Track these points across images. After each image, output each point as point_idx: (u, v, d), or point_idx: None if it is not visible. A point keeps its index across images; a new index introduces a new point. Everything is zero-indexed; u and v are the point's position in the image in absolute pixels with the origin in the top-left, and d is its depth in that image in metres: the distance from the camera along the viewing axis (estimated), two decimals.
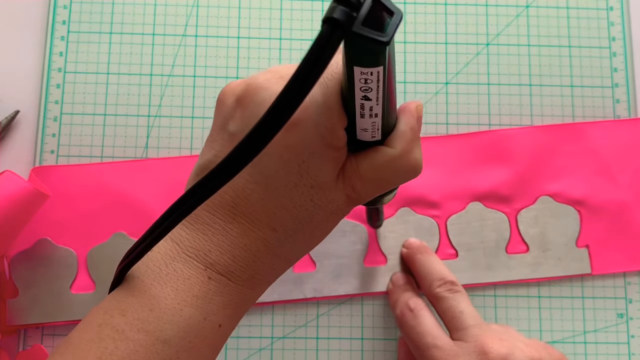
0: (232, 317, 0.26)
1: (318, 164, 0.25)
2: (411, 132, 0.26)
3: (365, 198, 0.27)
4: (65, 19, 0.44)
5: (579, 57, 0.45)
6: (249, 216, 0.25)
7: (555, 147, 0.43)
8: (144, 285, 0.24)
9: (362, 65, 0.21)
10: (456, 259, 0.42)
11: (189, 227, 0.25)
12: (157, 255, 0.25)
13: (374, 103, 0.23)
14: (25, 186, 0.37)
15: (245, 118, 0.25)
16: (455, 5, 0.46)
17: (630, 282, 0.42)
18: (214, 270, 0.25)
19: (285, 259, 0.27)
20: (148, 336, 0.23)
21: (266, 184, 0.25)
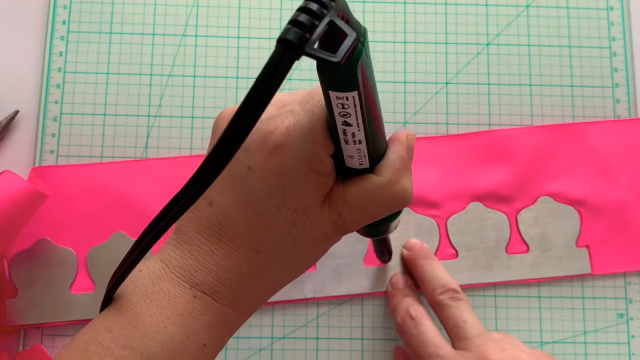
0: (217, 337, 0.26)
1: (301, 188, 0.25)
2: (399, 161, 0.27)
3: (353, 226, 0.27)
4: (65, 19, 0.44)
5: (579, 57, 0.45)
6: (233, 237, 0.25)
7: (555, 147, 0.43)
8: (130, 304, 0.25)
9: (335, 90, 0.21)
10: (456, 259, 0.42)
11: (178, 248, 0.26)
12: (146, 275, 0.26)
13: (355, 129, 0.23)
14: (25, 186, 0.37)
15: None
16: (455, 5, 0.46)
17: (631, 282, 0.42)
18: (198, 289, 0.25)
19: (269, 283, 0.27)
20: (132, 353, 0.24)
21: (250, 206, 0.25)
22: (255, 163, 0.25)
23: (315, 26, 0.18)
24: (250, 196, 0.25)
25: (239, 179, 0.25)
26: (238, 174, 0.25)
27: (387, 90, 0.44)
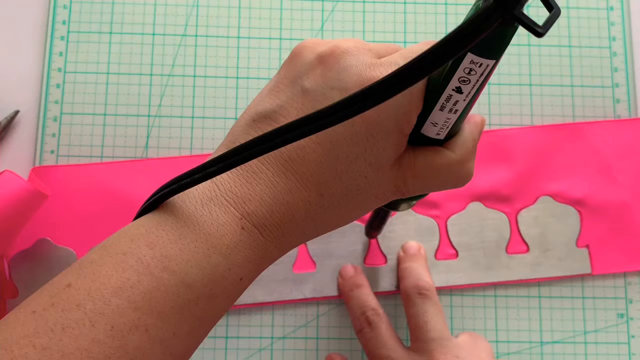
0: (253, 272, 0.25)
1: (383, 143, 0.24)
2: (473, 142, 0.26)
3: (411, 193, 0.27)
4: (65, 19, 0.44)
5: (579, 57, 0.45)
6: (300, 175, 0.24)
7: (555, 147, 0.43)
8: (176, 222, 0.23)
9: (476, 53, 0.21)
10: (456, 259, 0.42)
11: (232, 172, 0.24)
12: (195, 192, 0.24)
13: (462, 97, 0.23)
14: (25, 186, 0.37)
15: (327, 78, 0.24)
16: (455, 5, 0.46)
17: (631, 282, 0.42)
18: (248, 220, 0.24)
19: (318, 228, 0.26)
20: (172, 276, 0.23)
21: (329, 148, 0.24)
22: None
23: None
24: (333, 138, 0.24)
25: None
26: None
27: None
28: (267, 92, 0.26)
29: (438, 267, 0.42)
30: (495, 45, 0.20)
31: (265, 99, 0.26)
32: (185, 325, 0.23)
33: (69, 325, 0.21)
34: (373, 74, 0.24)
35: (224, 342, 0.41)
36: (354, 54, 0.25)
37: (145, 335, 0.22)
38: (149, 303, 0.22)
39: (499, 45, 0.20)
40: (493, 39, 0.20)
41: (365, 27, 0.45)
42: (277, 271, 0.41)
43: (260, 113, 0.25)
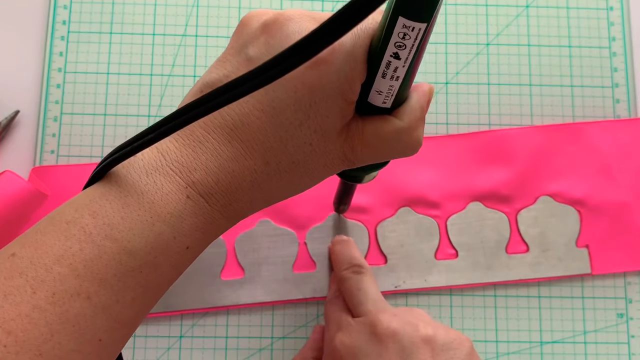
0: (200, 240, 0.25)
1: (327, 110, 0.24)
2: (420, 110, 0.26)
3: (360, 161, 0.27)
4: (66, 19, 0.44)
5: (579, 57, 0.45)
6: (246, 143, 0.24)
7: (555, 147, 0.43)
8: (120, 191, 0.24)
9: (407, 17, 0.21)
10: (456, 259, 0.42)
11: (178, 141, 0.24)
12: (140, 162, 0.24)
13: (401, 63, 0.23)
14: (25, 186, 0.37)
15: (270, 46, 0.24)
16: (455, 5, 0.46)
17: (630, 282, 0.42)
18: (194, 189, 0.24)
19: (266, 197, 0.26)
20: (115, 244, 0.23)
21: (273, 114, 0.24)
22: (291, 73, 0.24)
23: None
24: (275, 105, 0.24)
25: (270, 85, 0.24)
26: None
27: None
28: (214, 64, 0.26)
29: (438, 267, 0.42)
30: (424, 8, 0.21)
31: (212, 69, 0.26)
32: (128, 292, 0.23)
33: (10, 293, 0.21)
34: None
35: (224, 342, 0.41)
36: (297, 21, 0.25)
37: (87, 302, 0.22)
38: (90, 270, 0.22)
39: (428, 8, 0.21)
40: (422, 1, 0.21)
41: None
42: (277, 271, 0.41)
43: (206, 83, 0.25)
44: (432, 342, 0.32)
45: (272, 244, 0.41)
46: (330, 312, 0.36)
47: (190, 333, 0.41)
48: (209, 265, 0.41)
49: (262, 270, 0.41)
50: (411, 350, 0.31)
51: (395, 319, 0.33)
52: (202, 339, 0.41)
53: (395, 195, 0.42)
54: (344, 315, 0.35)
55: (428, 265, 0.42)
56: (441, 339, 0.32)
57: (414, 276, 0.41)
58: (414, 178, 0.43)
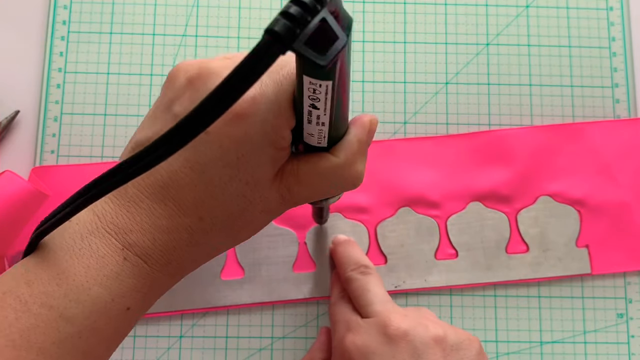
0: (142, 301, 0.25)
1: (257, 160, 0.24)
2: (358, 144, 0.26)
3: (300, 201, 0.27)
4: (66, 19, 0.44)
5: (579, 57, 0.45)
6: (178, 201, 0.24)
7: (555, 147, 0.43)
8: (55, 258, 0.23)
9: (310, 77, 0.21)
10: (456, 259, 0.42)
11: (114, 202, 0.24)
12: (75, 226, 0.24)
13: (322, 112, 0.23)
14: (25, 186, 0.37)
15: (194, 101, 0.24)
16: (455, 5, 0.46)
17: (630, 282, 0.42)
18: (131, 251, 0.24)
19: (207, 251, 0.26)
20: (51, 312, 0.23)
21: (201, 171, 0.24)
22: (214, 128, 0.23)
23: (307, 22, 0.17)
24: (202, 161, 0.24)
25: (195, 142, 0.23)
26: None
27: (387, 90, 0.44)
28: (146, 120, 0.26)
29: (438, 267, 0.42)
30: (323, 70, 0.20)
31: (144, 126, 0.26)
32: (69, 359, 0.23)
33: None
34: None
35: (224, 342, 0.41)
36: (220, 74, 0.24)
37: None
38: (27, 340, 0.22)
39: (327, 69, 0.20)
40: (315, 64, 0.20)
41: (365, 27, 0.45)
42: (277, 271, 0.41)
43: (137, 142, 0.25)
44: (443, 342, 0.32)
45: (272, 244, 0.41)
46: (337, 314, 0.36)
47: (190, 333, 0.41)
48: (209, 265, 0.41)
49: (262, 270, 0.41)
50: (423, 350, 0.31)
51: (406, 320, 0.33)
52: (202, 338, 0.41)
53: (395, 195, 0.42)
54: (353, 316, 0.35)
55: (428, 265, 0.42)
56: (452, 339, 0.32)
57: (414, 276, 0.41)
58: (414, 178, 0.43)
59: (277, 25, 0.17)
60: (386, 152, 0.43)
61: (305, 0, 0.17)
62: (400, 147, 0.43)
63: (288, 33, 0.17)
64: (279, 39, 0.17)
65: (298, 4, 0.17)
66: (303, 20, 0.17)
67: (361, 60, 0.45)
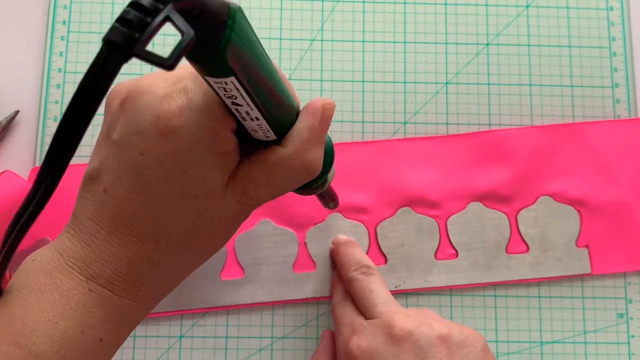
0: (115, 331, 0.25)
1: (201, 171, 0.24)
2: (308, 131, 0.25)
3: (259, 202, 0.26)
4: (66, 19, 0.44)
5: (579, 57, 0.45)
6: (129, 227, 0.24)
7: (555, 147, 0.43)
8: (20, 297, 0.23)
9: (210, 76, 0.20)
10: (456, 259, 0.42)
11: (74, 237, 0.24)
12: (38, 264, 0.24)
13: (247, 108, 0.22)
14: (25, 186, 0.37)
15: (126, 125, 0.24)
16: (455, 5, 0.46)
17: (630, 282, 0.42)
18: (95, 282, 0.24)
19: (173, 273, 0.26)
20: (20, 350, 0.22)
21: (146, 193, 0.24)
22: (148, 148, 0.23)
23: (147, 24, 0.16)
24: (145, 183, 0.23)
25: (133, 165, 0.23)
26: (131, 160, 0.23)
27: (387, 90, 0.44)
28: (94, 150, 0.26)
29: (438, 267, 0.42)
30: (215, 68, 0.20)
31: (92, 157, 0.26)
32: None
33: None
34: (164, 107, 0.23)
35: (224, 342, 0.41)
36: (149, 90, 0.24)
37: None
38: None
39: (217, 67, 0.20)
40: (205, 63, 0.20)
41: (365, 27, 0.45)
42: (277, 271, 0.41)
43: (88, 173, 0.25)
44: (448, 340, 0.32)
45: (272, 244, 0.41)
46: (341, 315, 0.36)
47: (190, 333, 0.41)
48: (209, 265, 0.41)
49: (262, 270, 0.41)
50: (428, 349, 0.31)
51: (410, 320, 0.33)
52: (202, 338, 0.41)
53: (395, 195, 0.42)
54: (357, 318, 0.35)
55: (428, 265, 0.42)
56: (456, 337, 0.32)
57: (414, 276, 0.41)
58: (414, 178, 0.43)
59: (112, 34, 0.16)
60: (386, 152, 0.43)
61: (142, 3, 0.16)
62: (400, 147, 0.43)
63: (125, 40, 0.16)
64: (116, 47, 0.16)
65: (136, 8, 0.16)
66: (142, 23, 0.16)
67: (361, 60, 0.45)
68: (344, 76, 0.44)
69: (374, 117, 0.44)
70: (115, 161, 0.24)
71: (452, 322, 0.34)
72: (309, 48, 0.45)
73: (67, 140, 0.18)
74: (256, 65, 0.21)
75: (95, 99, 0.17)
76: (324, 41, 0.45)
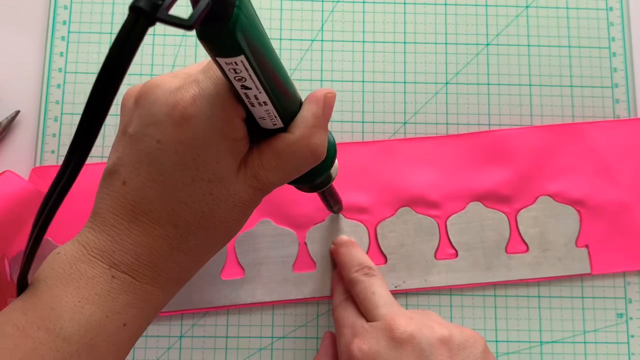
0: (139, 316, 0.26)
1: (215, 156, 0.25)
2: (312, 118, 0.27)
3: (270, 187, 0.27)
4: (66, 19, 0.44)
5: (579, 57, 0.45)
6: (149, 214, 0.25)
7: (555, 147, 0.43)
8: (47, 286, 0.25)
9: (221, 56, 0.21)
10: (456, 259, 0.42)
11: (96, 230, 0.26)
12: (63, 257, 0.25)
13: (256, 91, 0.23)
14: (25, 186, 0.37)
15: (142, 117, 0.25)
16: (455, 5, 0.46)
17: (630, 282, 0.42)
18: (118, 269, 0.25)
19: (193, 256, 0.27)
20: (48, 334, 0.23)
21: (163, 180, 0.25)
22: (164, 136, 0.24)
23: None
24: (162, 170, 0.25)
25: (150, 154, 0.25)
26: (148, 149, 0.25)
27: (387, 90, 0.44)
28: (112, 146, 0.27)
29: (438, 267, 0.42)
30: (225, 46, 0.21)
31: (110, 154, 0.27)
32: None
33: None
34: (177, 97, 0.25)
35: (224, 342, 0.41)
36: (160, 85, 0.25)
37: None
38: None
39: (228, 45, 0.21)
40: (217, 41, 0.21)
41: (365, 27, 0.45)
42: (277, 271, 0.41)
43: (107, 170, 0.27)
44: (449, 342, 0.32)
45: (272, 244, 0.41)
46: (342, 317, 0.36)
47: (190, 333, 0.41)
48: (209, 265, 0.41)
49: (262, 270, 0.41)
50: (430, 352, 0.32)
51: (412, 322, 0.33)
52: (202, 338, 0.41)
53: (395, 195, 0.42)
54: (359, 320, 0.35)
55: (428, 265, 0.42)
56: (457, 339, 0.32)
57: (414, 276, 0.42)
58: (414, 178, 0.43)
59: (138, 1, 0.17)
60: (386, 152, 0.43)
61: None
62: (400, 147, 0.43)
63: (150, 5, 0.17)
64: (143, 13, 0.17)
65: None
66: None
67: (361, 60, 0.45)
68: (344, 76, 0.44)
69: (374, 117, 0.44)
70: (132, 153, 0.25)
71: (453, 324, 0.34)
72: (309, 48, 0.45)
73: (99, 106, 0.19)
74: (263, 49, 0.23)
75: (123, 62, 0.18)
76: (324, 41, 0.45)
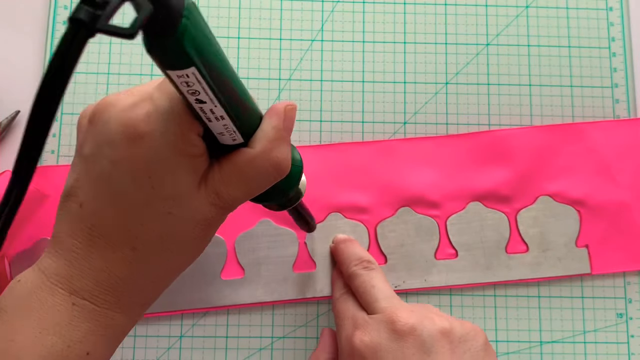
0: (101, 343, 0.25)
1: (171, 174, 0.24)
2: (274, 131, 0.26)
3: (233, 204, 0.26)
4: (66, 19, 0.44)
5: (578, 57, 0.45)
6: (106, 237, 0.25)
7: (555, 147, 0.43)
8: (7, 317, 0.24)
9: (172, 69, 0.21)
10: (456, 259, 0.42)
11: (55, 255, 0.25)
12: (23, 286, 0.25)
13: (212, 105, 0.23)
14: None
15: (95, 138, 0.25)
16: (455, 5, 0.46)
17: (630, 282, 0.42)
18: (78, 296, 0.24)
19: (155, 279, 0.26)
20: None
21: (119, 201, 0.24)
22: (118, 156, 0.24)
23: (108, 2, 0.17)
24: (117, 191, 0.24)
25: (105, 175, 0.24)
26: (103, 170, 0.24)
27: (387, 91, 0.44)
28: (70, 168, 0.27)
29: (438, 267, 0.42)
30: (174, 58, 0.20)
31: (68, 176, 0.26)
32: None
33: None
34: (130, 115, 0.24)
35: (224, 342, 0.41)
36: (114, 103, 0.24)
37: None
38: None
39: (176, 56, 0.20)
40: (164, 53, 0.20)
41: (365, 27, 0.45)
42: (277, 271, 0.41)
43: (64, 193, 0.26)
44: (450, 334, 0.32)
45: (272, 243, 0.41)
46: (342, 310, 0.36)
47: (190, 333, 0.41)
48: (209, 265, 0.41)
49: (262, 270, 0.41)
50: (431, 344, 0.31)
51: (413, 315, 0.33)
52: (202, 338, 0.41)
53: (395, 195, 0.42)
54: (359, 313, 0.35)
55: (428, 265, 0.42)
56: (458, 331, 0.32)
57: (414, 276, 0.42)
58: (414, 178, 0.43)
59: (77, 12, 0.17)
60: (386, 152, 0.43)
61: None
62: (400, 147, 0.43)
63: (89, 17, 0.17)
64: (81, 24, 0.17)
65: None
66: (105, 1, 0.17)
67: (361, 60, 0.45)
68: (344, 76, 0.44)
69: (374, 117, 0.44)
70: (88, 174, 0.25)
71: (453, 317, 0.34)
72: (309, 48, 0.45)
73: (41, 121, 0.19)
74: (216, 61, 0.22)
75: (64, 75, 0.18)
76: (324, 41, 0.45)
